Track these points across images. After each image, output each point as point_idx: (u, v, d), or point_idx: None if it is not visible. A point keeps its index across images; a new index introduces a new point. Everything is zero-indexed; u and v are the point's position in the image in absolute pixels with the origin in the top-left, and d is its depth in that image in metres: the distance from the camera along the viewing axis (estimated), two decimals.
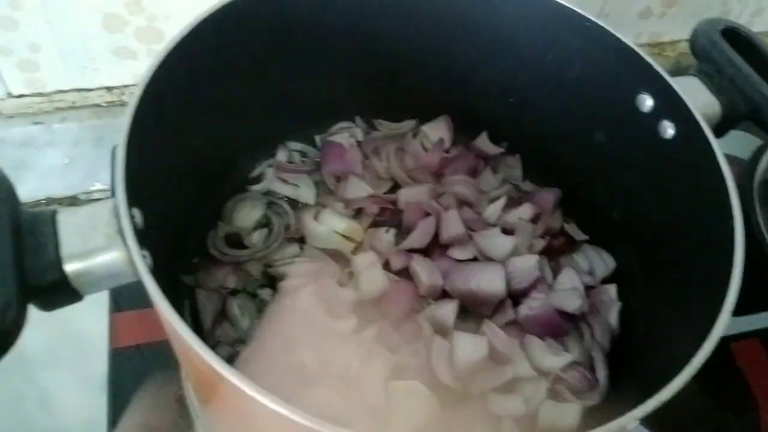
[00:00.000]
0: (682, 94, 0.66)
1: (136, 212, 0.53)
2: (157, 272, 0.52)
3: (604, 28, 0.71)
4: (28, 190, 1.00)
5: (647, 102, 0.69)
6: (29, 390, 0.86)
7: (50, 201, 1.03)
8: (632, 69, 0.69)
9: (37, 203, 1.01)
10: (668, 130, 0.68)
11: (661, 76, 0.67)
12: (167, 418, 0.76)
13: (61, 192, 1.04)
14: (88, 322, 0.87)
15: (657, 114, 0.69)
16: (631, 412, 0.47)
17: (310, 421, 0.41)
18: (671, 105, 0.67)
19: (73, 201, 1.05)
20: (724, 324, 0.52)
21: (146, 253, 0.51)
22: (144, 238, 0.52)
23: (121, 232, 0.49)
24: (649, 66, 0.68)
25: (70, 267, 0.49)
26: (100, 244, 0.50)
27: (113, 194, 0.51)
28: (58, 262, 0.49)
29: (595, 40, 0.72)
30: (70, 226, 0.51)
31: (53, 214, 0.51)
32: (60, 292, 0.49)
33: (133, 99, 0.57)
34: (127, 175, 0.52)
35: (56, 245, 0.49)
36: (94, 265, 0.50)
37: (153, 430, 0.76)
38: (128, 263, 0.49)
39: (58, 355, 0.88)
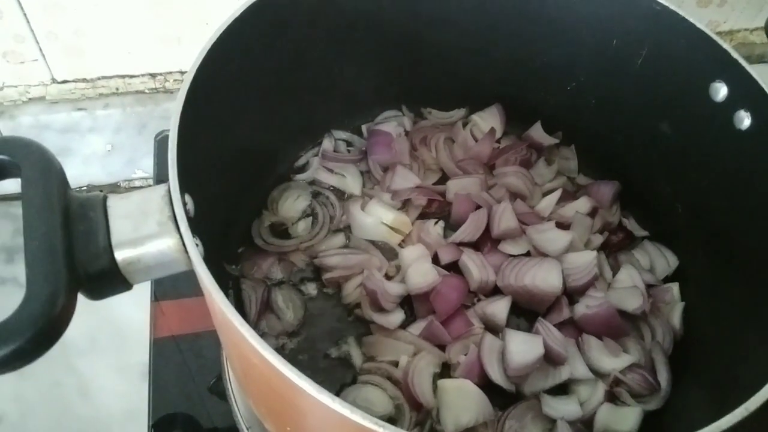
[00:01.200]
0: (760, 81, 0.61)
1: (188, 199, 0.51)
2: (207, 261, 0.51)
3: (675, 12, 0.67)
4: (69, 177, 0.99)
5: (722, 91, 0.65)
6: (69, 378, 0.85)
7: (91, 188, 1.03)
8: (706, 56, 0.65)
9: (78, 190, 1.01)
10: (744, 120, 0.63)
11: (738, 63, 0.63)
12: None
13: (103, 179, 1.03)
14: (129, 311, 0.86)
15: (732, 103, 0.64)
16: (716, 422, 0.43)
17: (359, 415, 0.39)
18: (749, 94, 0.62)
19: (113, 188, 1.04)
20: None
21: (198, 241, 0.49)
22: (196, 225, 0.50)
23: (173, 218, 0.48)
24: (726, 52, 0.63)
25: (120, 254, 0.47)
26: (152, 230, 0.48)
27: (156, 182, 0.49)
28: (108, 250, 0.47)
29: (664, 25, 0.68)
30: (120, 212, 0.49)
31: (104, 199, 0.49)
32: (109, 280, 0.48)
33: (184, 84, 0.55)
34: (180, 160, 0.50)
35: (107, 231, 0.48)
36: (145, 252, 0.48)
37: None
38: (181, 251, 0.47)
39: (98, 344, 0.87)
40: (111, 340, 0.88)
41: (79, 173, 1.02)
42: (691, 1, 1.16)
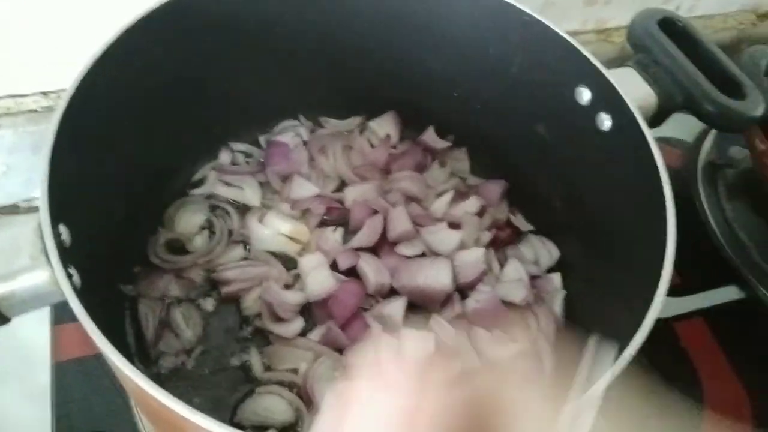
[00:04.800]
0: (618, 86, 0.66)
1: (63, 229, 0.51)
2: (88, 288, 0.51)
3: (542, 22, 0.71)
4: None
5: (585, 95, 0.70)
6: None
7: None
8: (570, 62, 0.70)
9: None
10: (605, 122, 0.68)
11: (597, 69, 0.68)
12: None
13: (1, 200, 1.00)
14: (31, 334, 0.84)
15: (594, 106, 0.69)
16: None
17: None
18: (608, 97, 0.67)
19: (13, 209, 1.01)
20: (656, 309, 0.53)
21: (73, 271, 0.50)
22: (72, 254, 0.50)
23: (45, 251, 0.48)
24: (586, 59, 0.68)
25: None
26: (24, 264, 0.48)
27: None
28: None
29: (534, 34, 0.72)
30: None
31: None
32: None
33: (58, 108, 0.55)
34: (51, 190, 0.51)
35: None
36: (18, 287, 0.48)
37: None
38: (54, 283, 0.48)
39: (1, 370, 0.85)
40: (15, 366, 0.86)
41: None
42: (579, 0, 1.22)
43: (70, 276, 0.48)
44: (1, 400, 0.83)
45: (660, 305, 0.53)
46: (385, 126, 0.90)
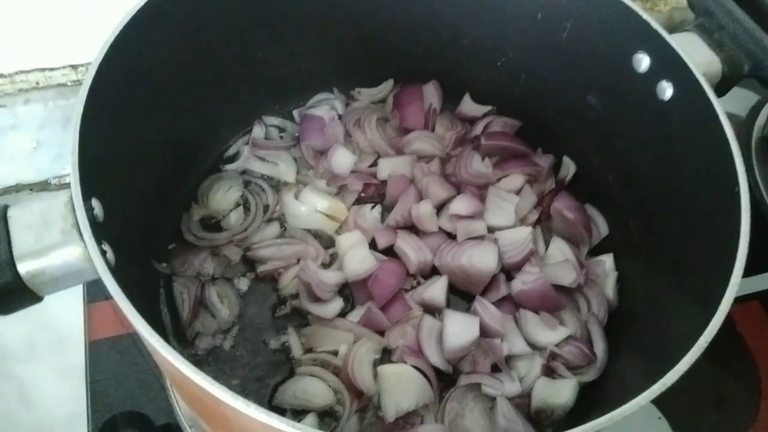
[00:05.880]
0: (681, 52, 0.61)
1: (96, 203, 0.49)
2: (122, 265, 0.49)
3: None
4: None
5: (643, 62, 0.65)
6: (8, 385, 0.82)
7: (20, 187, 0.99)
8: (627, 27, 0.65)
9: (6, 190, 0.97)
10: (666, 90, 0.64)
11: (658, 34, 0.63)
12: None
13: (32, 177, 0.99)
14: (64, 313, 0.83)
15: (654, 74, 0.64)
16: (643, 394, 0.44)
17: (275, 419, 0.38)
18: (670, 64, 0.62)
19: (44, 186, 1.00)
20: (730, 300, 0.49)
21: (107, 247, 0.47)
22: (105, 230, 0.48)
23: (77, 226, 0.46)
24: (646, 23, 0.63)
25: (24, 267, 0.45)
26: (55, 240, 0.46)
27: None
28: (10, 263, 0.45)
29: None
30: (22, 222, 0.47)
31: (4, 210, 0.47)
32: (15, 294, 0.46)
33: (87, 78, 0.53)
34: (83, 163, 0.48)
35: (8, 244, 0.46)
36: (50, 264, 0.46)
37: None
38: (87, 260, 0.45)
39: (36, 349, 0.85)
40: (49, 344, 0.85)
41: (6, 172, 0.98)
42: None
43: (104, 252, 0.45)
44: (37, 379, 0.83)
45: (735, 289, 0.49)
46: (427, 96, 0.86)
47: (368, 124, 0.84)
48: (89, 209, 0.47)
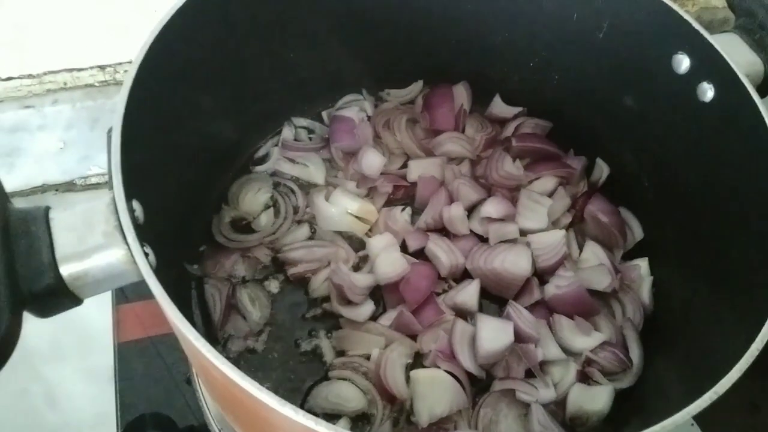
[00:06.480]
0: (723, 53, 0.60)
1: (136, 205, 0.48)
2: (161, 267, 0.48)
3: None
4: (22, 177, 0.96)
5: (683, 62, 0.64)
6: (35, 386, 0.83)
7: (47, 187, 0.99)
8: (667, 27, 0.64)
9: (32, 190, 0.97)
10: (708, 92, 0.62)
11: (700, 35, 0.61)
12: None
13: (58, 177, 0.99)
14: (91, 314, 0.83)
15: (695, 75, 0.63)
16: (688, 407, 0.43)
17: (324, 426, 0.38)
18: (711, 65, 0.61)
19: (69, 186, 1.00)
20: None
21: (149, 249, 0.47)
22: (146, 232, 0.47)
23: (120, 228, 0.45)
24: (687, 23, 0.62)
25: (66, 269, 0.45)
26: (98, 242, 0.46)
27: (111, 180, 0.47)
28: (53, 265, 0.45)
29: None
30: (64, 224, 0.46)
31: (46, 211, 0.47)
32: (57, 296, 0.45)
33: (127, 79, 0.52)
34: (125, 164, 0.48)
35: (50, 246, 0.45)
36: (92, 266, 0.45)
37: None
38: (130, 262, 0.45)
39: (62, 350, 0.85)
40: (76, 345, 0.86)
41: (33, 173, 0.98)
42: None
43: (146, 254, 0.45)
44: (63, 379, 0.83)
45: None
46: (457, 97, 0.85)
47: (398, 126, 0.83)
48: (131, 211, 0.46)
